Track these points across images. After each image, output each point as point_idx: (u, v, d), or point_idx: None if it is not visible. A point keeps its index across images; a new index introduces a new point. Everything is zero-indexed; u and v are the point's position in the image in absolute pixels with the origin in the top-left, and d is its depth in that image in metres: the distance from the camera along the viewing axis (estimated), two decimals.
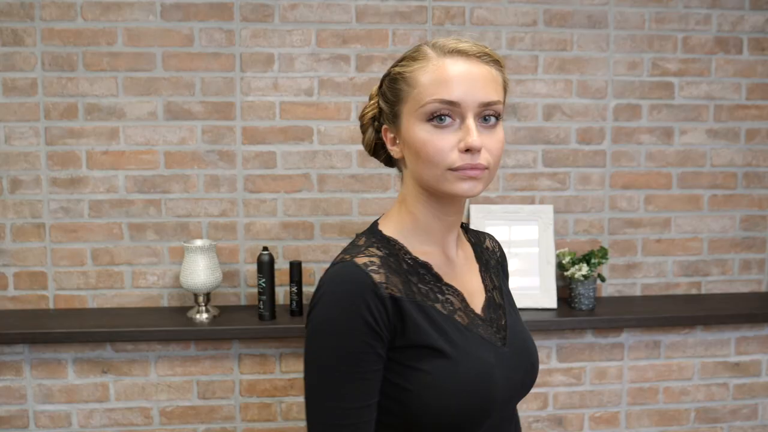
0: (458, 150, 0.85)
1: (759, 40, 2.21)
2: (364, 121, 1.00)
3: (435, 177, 0.87)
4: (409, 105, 0.88)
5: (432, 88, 0.86)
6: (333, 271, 0.87)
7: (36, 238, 2.04)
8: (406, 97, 0.89)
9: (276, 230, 2.10)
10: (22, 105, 2.00)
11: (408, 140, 0.89)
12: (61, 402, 2.03)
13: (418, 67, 0.88)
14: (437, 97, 0.85)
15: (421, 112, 0.87)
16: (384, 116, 0.95)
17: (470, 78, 0.85)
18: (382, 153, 1.01)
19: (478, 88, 0.85)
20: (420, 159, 0.87)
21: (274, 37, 2.05)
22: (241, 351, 2.07)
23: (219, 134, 2.06)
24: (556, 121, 2.16)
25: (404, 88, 0.89)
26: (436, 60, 0.87)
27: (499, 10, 2.11)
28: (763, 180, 2.27)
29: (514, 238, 2.11)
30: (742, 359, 2.26)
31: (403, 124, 0.90)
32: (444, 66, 0.86)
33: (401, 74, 0.90)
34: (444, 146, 0.85)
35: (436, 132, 0.86)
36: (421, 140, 0.87)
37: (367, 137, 1.01)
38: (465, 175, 0.85)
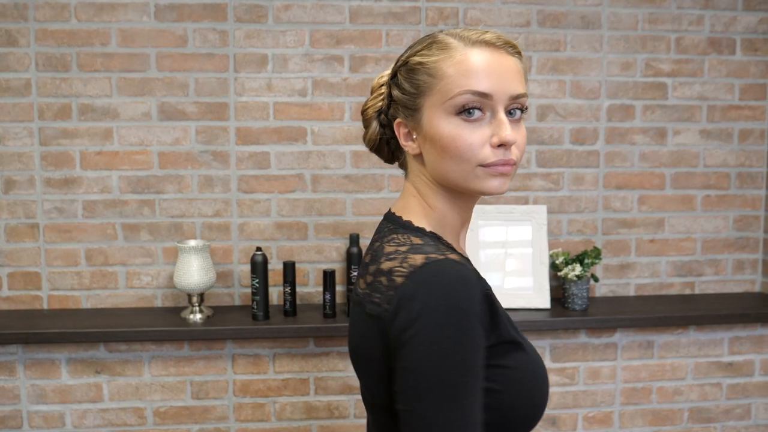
0: (490, 145, 0.81)
1: (752, 40, 2.22)
2: (367, 115, 0.94)
3: (464, 173, 0.82)
4: (434, 97, 0.82)
5: (462, 80, 0.80)
6: (430, 272, 0.75)
7: (30, 239, 2.04)
8: (429, 88, 0.83)
9: (270, 230, 2.10)
10: (16, 105, 2.00)
11: (432, 135, 0.83)
12: (55, 402, 2.03)
13: (443, 57, 0.82)
14: (468, 89, 0.80)
15: (449, 105, 0.81)
16: (397, 109, 0.88)
17: (500, 69, 0.81)
18: (386, 149, 0.95)
19: (508, 80, 0.81)
20: (447, 155, 0.82)
21: (267, 37, 2.05)
22: (234, 351, 2.07)
23: (213, 135, 2.06)
24: (549, 121, 2.17)
25: (426, 79, 0.83)
26: (462, 50, 0.81)
27: (492, 10, 2.11)
28: (756, 180, 2.27)
29: (508, 238, 2.11)
30: (735, 359, 2.26)
31: (425, 117, 0.84)
32: (472, 56, 0.81)
33: (423, 64, 0.84)
34: (475, 141, 0.80)
35: (466, 126, 0.80)
36: (450, 135, 0.81)
37: (370, 132, 0.94)
38: (497, 171, 0.81)
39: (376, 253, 0.85)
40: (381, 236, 0.88)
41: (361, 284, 0.85)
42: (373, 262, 0.84)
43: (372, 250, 0.87)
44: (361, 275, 0.87)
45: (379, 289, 0.80)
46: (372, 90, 0.95)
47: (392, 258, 0.81)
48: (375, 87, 0.94)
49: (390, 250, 0.83)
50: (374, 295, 0.80)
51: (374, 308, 0.80)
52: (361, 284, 0.85)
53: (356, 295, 0.87)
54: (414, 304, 0.74)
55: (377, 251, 0.85)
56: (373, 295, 0.81)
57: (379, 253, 0.84)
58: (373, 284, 0.81)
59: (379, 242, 0.87)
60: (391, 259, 0.81)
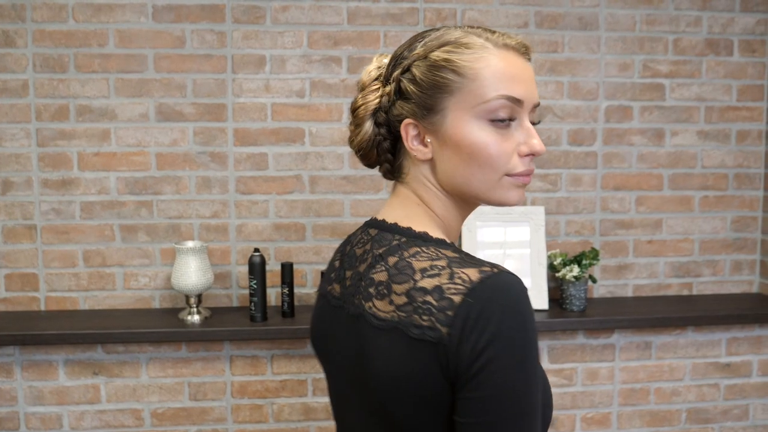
0: (518, 154, 0.77)
1: (749, 41, 2.22)
2: (359, 114, 0.83)
3: (488, 182, 0.77)
4: (463, 99, 0.76)
5: (499, 84, 0.75)
6: (494, 287, 0.68)
7: (27, 240, 2.04)
8: (457, 89, 0.76)
9: (268, 232, 2.10)
10: (13, 106, 2.00)
11: (459, 139, 0.76)
12: (52, 404, 2.03)
13: (476, 56, 0.76)
14: (506, 94, 0.75)
15: (482, 110, 0.75)
16: (405, 108, 0.80)
17: (528, 76, 0.78)
18: (375, 151, 0.85)
19: (534, 88, 0.78)
20: (475, 162, 0.76)
21: (265, 38, 2.05)
22: (232, 352, 2.07)
23: (210, 136, 2.06)
24: (547, 122, 2.17)
25: (454, 78, 0.76)
26: (495, 52, 0.76)
27: (490, 11, 2.11)
28: (754, 181, 2.27)
29: (506, 239, 2.11)
30: (733, 360, 2.27)
31: (449, 119, 0.77)
32: (507, 60, 0.76)
33: (450, 61, 0.76)
34: (507, 149, 0.76)
35: (498, 133, 0.76)
36: (483, 141, 0.75)
37: (362, 132, 0.83)
38: (521, 181, 0.78)
39: (396, 270, 0.74)
40: (392, 250, 0.77)
41: (382, 305, 0.74)
42: (398, 280, 0.73)
43: (383, 265, 0.76)
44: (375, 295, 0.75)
45: (426, 310, 0.69)
46: (362, 86, 0.85)
47: (433, 274, 0.71)
48: (366, 82, 0.84)
49: (423, 265, 0.73)
50: (419, 317, 0.69)
51: (425, 332, 0.69)
52: (382, 305, 0.74)
53: (376, 319, 0.74)
54: (486, 325, 0.66)
55: (399, 268, 0.74)
56: (416, 318, 0.70)
57: (404, 269, 0.74)
58: (412, 305, 0.71)
59: (396, 257, 0.76)
60: (432, 275, 0.71)
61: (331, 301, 0.86)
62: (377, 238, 0.81)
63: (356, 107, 0.84)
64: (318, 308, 0.91)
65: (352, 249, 0.85)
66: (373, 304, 0.75)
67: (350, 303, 0.81)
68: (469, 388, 0.67)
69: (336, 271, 0.87)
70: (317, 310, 0.91)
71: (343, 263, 0.86)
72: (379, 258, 0.78)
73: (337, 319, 0.84)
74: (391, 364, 0.72)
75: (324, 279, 0.92)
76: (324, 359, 0.88)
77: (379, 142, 0.84)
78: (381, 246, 0.79)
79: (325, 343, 0.87)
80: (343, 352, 0.82)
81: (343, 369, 0.82)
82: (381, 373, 0.73)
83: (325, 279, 0.91)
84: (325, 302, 0.88)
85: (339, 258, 0.89)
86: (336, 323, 0.84)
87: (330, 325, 0.86)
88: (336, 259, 0.90)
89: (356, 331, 0.79)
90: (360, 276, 0.80)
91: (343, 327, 0.82)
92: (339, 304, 0.84)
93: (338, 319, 0.84)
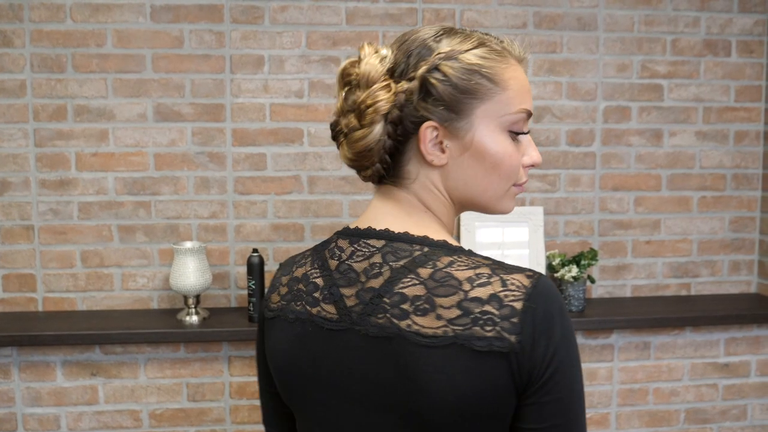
0: (522, 165, 0.79)
1: (747, 42, 2.22)
2: (370, 113, 0.74)
3: (501, 192, 0.78)
4: (492, 108, 0.74)
5: (521, 96, 0.76)
6: (546, 290, 0.69)
7: (25, 240, 2.03)
8: (487, 96, 0.74)
9: (266, 232, 2.10)
10: (11, 107, 1.99)
11: (483, 148, 0.75)
12: (50, 405, 2.02)
13: (506, 66, 0.75)
14: (527, 108, 0.77)
15: (506, 120, 0.75)
16: (429, 109, 0.74)
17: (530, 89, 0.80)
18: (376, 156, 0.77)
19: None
20: (496, 172, 0.76)
21: (264, 38, 2.05)
22: (231, 353, 2.07)
23: (209, 136, 2.06)
24: (546, 123, 2.17)
25: (486, 84, 0.74)
26: (515, 63, 0.77)
27: (489, 12, 2.11)
28: (752, 182, 2.28)
29: (504, 239, 2.11)
30: (731, 360, 2.27)
31: (475, 126, 0.74)
32: (522, 72, 0.78)
33: (482, 66, 0.74)
34: (519, 161, 0.78)
35: (513, 144, 0.77)
36: (505, 151, 0.75)
37: (372, 135, 0.75)
38: (520, 191, 0.80)
39: (436, 282, 0.70)
40: (419, 261, 0.72)
41: (426, 321, 0.69)
42: (441, 293, 0.69)
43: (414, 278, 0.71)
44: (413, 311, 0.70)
45: (489, 320, 0.67)
46: (370, 80, 0.75)
47: (483, 283, 0.69)
48: (377, 75, 0.75)
49: (467, 274, 0.70)
50: (482, 329, 0.67)
51: (491, 343, 0.66)
52: (426, 321, 0.69)
53: (421, 337, 0.69)
54: (552, 328, 0.67)
55: (439, 280, 0.70)
56: (477, 330, 0.67)
57: (445, 280, 0.70)
58: (469, 317, 0.68)
59: (429, 268, 0.71)
60: (482, 284, 0.69)
61: (321, 324, 0.75)
62: (389, 250, 0.74)
63: (366, 106, 0.74)
64: (293, 335, 0.78)
65: (343, 264, 0.76)
66: (414, 322, 0.69)
67: (366, 323, 0.72)
68: (542, 393, 0.68)
69: (320, 290, 0.76)
70: (292, 337, 0.78)
71: (333, 280, 0.76)
72: (404, 271, 0.72)
73: (341, 344, 0.74)
74: (452, 382, 0.68)
75: (284, 302, 0.80)
76: (307, 390, 0.77)
77: (383, 143, 0.76)
78: (399, 258, 0.73)
79: (315, 371, 0.76)
80: (360, 379, 0.73)
81: (364, 397, 0.73)
82: (439, 392, 0.68)
83: (292, 301, 0.79)
84: (309, 327, 0.76)
85: (318, 275, 0.78)
86: (338, 349, 0.74)
87: (325, 352, 0.75)
88: (312, 277, 0.78)
89: (388, 353, 0.71)
90: (377, 292, 0.72)
91: (355, 351, 0.73)
92: (341, 327, 0.74)
93: (342, 343, 0.74)
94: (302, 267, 0.81)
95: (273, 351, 0.80)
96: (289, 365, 0.78)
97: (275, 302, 0.81)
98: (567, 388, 0.68)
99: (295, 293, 0.79)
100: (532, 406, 0.68)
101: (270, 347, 0.81)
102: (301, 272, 0.80)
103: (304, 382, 0.77)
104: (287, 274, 0.82)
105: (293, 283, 0.80)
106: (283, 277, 0.82)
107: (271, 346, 0.80)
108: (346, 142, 0.77)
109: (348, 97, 0.77)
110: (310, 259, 0.81)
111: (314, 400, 0.77)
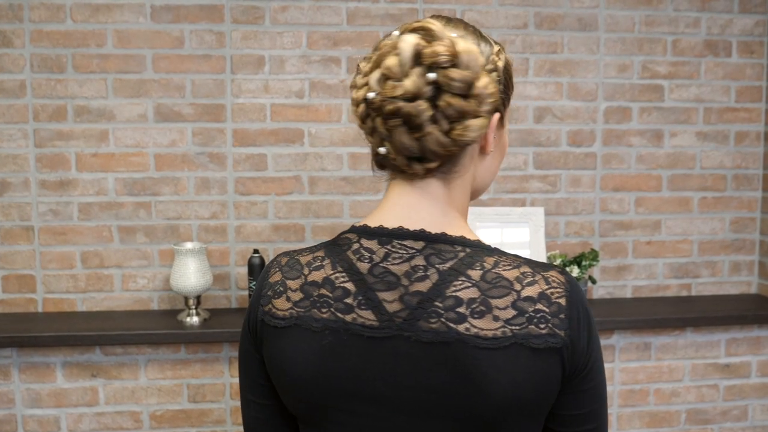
0: None
1: (748, 43, 2.22)
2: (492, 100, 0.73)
3: None
4: (508, 103, 0.81)
5: None
6: (575, 284, 0.73)
7: (25, 241, 2.02)
8: (510, 92, 0.80)
9: (267, 232, 2.09)
10: (11, 107, 1.98)
11: (506, 139, 0.82)
12: (50, 406, 2.02)
13: None
14: None
15: (509, 112, 0.83)
16: (502, 100, 0.78)
17: None
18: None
19: None
20: (501, 162, 0.84)
21: (264, 39, 2.04)
22: (231, 354, 2.06)
23: (209, 136, 2.05)
24: (546, 123, 2.17)
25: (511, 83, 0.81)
26: None
27: (490, 12, 2.11)
28: (752, 182, 2.28)
29: (505, 240, 2.11)
30: (732, 360, 2.27)
31: (506, 118, 0.81)
32: None
33: (511, 66, 0.82)
34: None
35: None
36: (507, 142, 0.84)
37: (486, 123, 0.73)
38: None
39: (488, 283, 0.70)
40: (466, 262, 0.72)
41: (484, 324, 0.69)
42: (495, 294, 0.69)
43: (466, 281, 0.70)
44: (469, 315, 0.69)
45: (542, 318, 0.69)
46: (478, 63, 0.71)
47: (531, 282, 0.70)
48: (482, 60, 0.72)
49: (514, 274, 0.71)
50: (536, 327, 0.68)
51: (547, 340, 0.69)
52: (484, 324, 0.69)
53: (482, 339, 0.68)
54: (587, 320, 0.73)
55: (490, 281, 0.70)
56: (532, 329, 0.68)
57: (497, 281, 0.70)
58: (524, 316, 0.69)
59: (478, 270, 0.71)
60: (530, 283, 0.70)
61: (359, 331, 0.71)
62: (432, 251, 0.72)
63: (488, 93, 0.71)
64: (322, 345, 0.72)
65: (376, 266, 0.72)
66: (472, 324, 0.69)
67: (416, 329, 0.70)
68: (583, 382, 0.73)
69: (353, 296, 0.72)
70: (321, 348, 0.72)
71: (367, 285, 0.72)
72: (453, 273, 0.71)
73: (386, 352, 0.71)
74: (514, 381, 0.69)
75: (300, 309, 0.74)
76: (341, 402, 0.73)
77: None
78: (445, 260, 0.71)
79: (354, 383, 0.72)
80: (412, 387, 0.70)
81: (418, 405, 0.71)
82: (502, 392, 0.68)
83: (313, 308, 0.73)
84: (344, 336, 0.72)
85: (347, 279, 0.73)
86: (382, 356, 0.71)
87: (365, 360, 0.71)
88: (339, 281, 0.73)
89: (443, 358, 0.69)
90: (425, 296, 0.70)
91: (404, 359, 0.70)
92: (386, 333, 0.70)
93: (387, 351, 0.71)
94: (319, 270, 0.74)
95: (291, 363, 0.73)
96: (316, 377, 0.72)
97: (284, 309, 0.74)
98: (600, 374, 0.74)
99: (316, 299, 0.73)
100: (573, 394, 0.73)
101: (282, 359, 0.74)
102: (320, 276, 0.74)
103: (336, 395, 0.72)
104: (296, 278, 0.75)
105: (311, 289, 0.74)
106: (291, 281, 0.75)
107: (284, 358, 0.74)
108: (449, 126, 0.70)
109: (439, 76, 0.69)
110: (329, 261, 0.74)
111: (351, 412, 0.73)
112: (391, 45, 0.71)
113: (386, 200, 0.77)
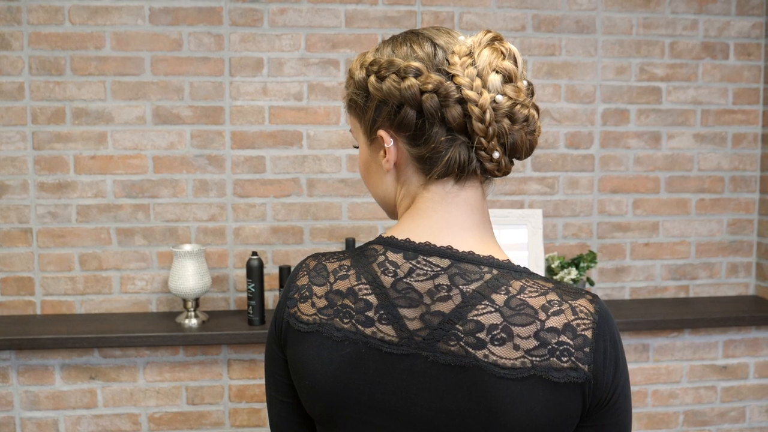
0: None
1: (745, 45, 2.23)
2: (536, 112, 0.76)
3: None
4: None
5: None
6: (606, 314, 0.70)
7: (23, 244, 2.02)
8: None
9: (265, 235, 2.09)
10: (9, 109, 1.98)
11: None
12: (49, 409, 2.02)
13: None
14: None
15: None
16: None
17: None
18: None
19: None
20: None
21: (263, 41, 2.04)
22: (230, 356, 2.06)
23: (208, 139, 2.05)
24: (544, 125, 2.17)
25: None
26: None
27: (488, 15, 2.12)
28: (750, 184, 2.28)
29: (503, 242, 2.11)
30: (729, 362, 2.27)
31: None
32: None
33: None
34: None
35: None
36: None
37: None
38: None
39: (511, 310, 0.68)
40: (491, 286, 0.70)
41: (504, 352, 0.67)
42: (518, 322, 0.68)
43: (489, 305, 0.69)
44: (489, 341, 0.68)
45: (565, 351, 0.67)
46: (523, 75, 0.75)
47: (556, 311, 0.68)
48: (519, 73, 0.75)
49: (540, 302, 0.69)
50: (558, 360, 0.67)
51: (568, 374, 0.67)
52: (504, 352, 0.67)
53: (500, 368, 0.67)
54: (615, 353, 0.70)
55: (514, 308, 0.68)
56: (554, 362, 0.67)
57: (521, 308, 0.68)
58: (546, 348, 0.67)
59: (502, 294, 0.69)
60: (555, 313, 0.68)
61: (378, 346, 0.71)
62: (457, 271, 0.71)
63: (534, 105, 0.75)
64: (341, 356, 0.72)
65: (399, 281, 0.71)
66: (491, 351, 0.67)
67: (435, 350, 0.69)
68: (606, 416, 0.71)
69: (374, 309, 0.71)
70: (340, 358, 0.72)
71: (389, 299, 0.71)
72: (477, 296, 0.69)
73: (402, 369, 0.70)
74: (531, 413, 0.67)
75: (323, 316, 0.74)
76: (355, 411, 0.73)
77: None
78: (470, 281, 0.70)
79: (369, 396, 0.72)
80: (425, 406, 0.70)
81: (428, 425, 0.70)
82: (518, 424, 0.67)
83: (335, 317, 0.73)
84: (362, 349, 0.72)
85: (369, 292, 0.72)
86: (399, 373, 0.70)
87: (382, 375, 0.71)
88: (362, 293, 0.72)
89: (460, 382, 0.68)
90: (446, 318, 0.69)
91: (420, 378, 0.69)
92: (404, 351, 0.70)
93: (404, 368, 0.70)
94: (344, 280, 0.74)
95: (311, 368, 0.74)
96: (332, 386, 0.73)
97: (309, 314, 0.75)
98: (625, 410, 0.71)
99: (339, 309, 0.73)
100: (593, 427, 0.71)
101: (303, 362, 0.75)
102: (345, 286, 0.73)
103: (350, 404, 0.73)
104: (322, 285, 0.75)
105: (335, 297, 0.74)
106: (317, 287, 0.75)
107: (305, 362, 0.74)
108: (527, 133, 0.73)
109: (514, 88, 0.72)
110: (354, 272, 0.74)
111: (363, 422, 0.73)
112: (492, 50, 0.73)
113: (416, 209, 0.75)
